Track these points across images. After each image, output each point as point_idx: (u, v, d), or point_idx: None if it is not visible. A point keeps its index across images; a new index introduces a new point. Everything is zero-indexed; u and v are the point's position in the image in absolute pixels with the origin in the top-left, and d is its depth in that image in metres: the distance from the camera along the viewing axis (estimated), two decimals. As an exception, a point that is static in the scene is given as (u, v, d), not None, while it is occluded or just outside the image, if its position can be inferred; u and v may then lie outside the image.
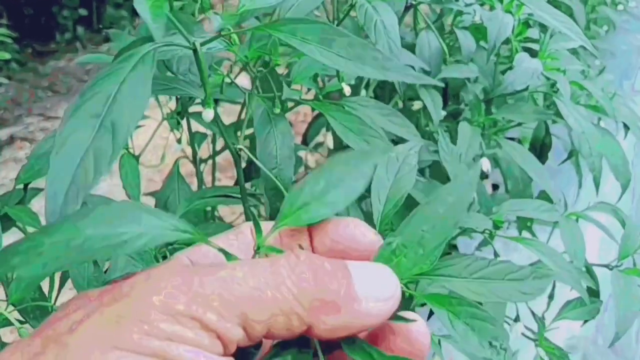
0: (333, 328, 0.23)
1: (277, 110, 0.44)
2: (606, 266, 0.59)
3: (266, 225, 0.27)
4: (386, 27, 0.43)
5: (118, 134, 0.24)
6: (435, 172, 0.74)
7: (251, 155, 0.42)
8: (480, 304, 0.30)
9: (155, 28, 0.28)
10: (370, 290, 0.23)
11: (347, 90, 0.54)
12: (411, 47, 0.75)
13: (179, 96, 0.65)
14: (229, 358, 0.22)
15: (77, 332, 0.20)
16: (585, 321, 0.57)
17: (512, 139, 0.96)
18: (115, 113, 0.25)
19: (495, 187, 1.44)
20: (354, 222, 0.27)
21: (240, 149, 0.42)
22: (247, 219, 0.52)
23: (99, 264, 0.46)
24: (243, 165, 0.56)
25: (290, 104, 0.55)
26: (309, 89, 0.79)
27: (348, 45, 0.32)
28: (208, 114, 0.39)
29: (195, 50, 0.37)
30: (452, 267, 0.33)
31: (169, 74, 0.50)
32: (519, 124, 0.87)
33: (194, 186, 0.75)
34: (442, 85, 0.70)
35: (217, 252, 0.26)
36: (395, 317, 0.25)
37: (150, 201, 0.69)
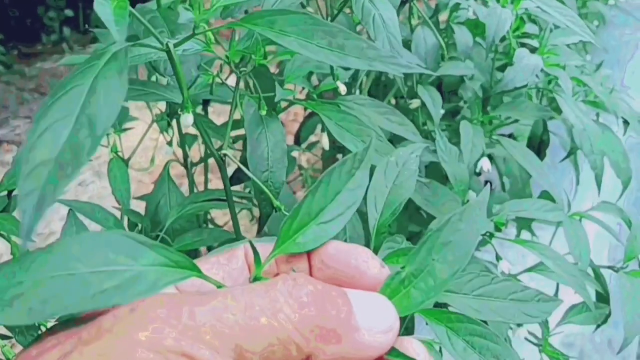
0: (333, 358, 0.21)
1: (263, 112, 0.42)
2: (611, 268, 0.57)
3: (262, 249, 0.26)
4: (385, 21, 0.41)
5: (96, 128, 0.23)
6: (433, 172, 0.72)
7: (236, 161, 0.40)
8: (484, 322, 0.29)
9: (117, 31, 0.27)
10: (370, 321, 0.22)
11: (342, 89, 0.52)
12: (405, 44, 0.73)
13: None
14: None
15: None
16: (598, 326, 0.55)
17: (506, 135, 0.95)
18: (92, 107, 0.24)
19: (486, 184, 1.43)
20: (358, 250, 0.26)
21: (225, 155, 0.40)
22: (235, 227, 0.50)
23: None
24: (235, 167, 0.54)
25: (283, 104, 0.53)
26: (303, 88, 0.77)
27: (329, 35, 0.30)
28: (187, 119, 0.37)
29: (168, 52, 0.35)
30: (452, 283, 0.31)
31: (154, 77, 0.47)
32: (515, 121, 0.86)
33: (185, 187, 0.73)
34: (434, 74, 0.67)
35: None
36: (392, 352, 0.23)
37: (140, 205, 0.67)
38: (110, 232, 0.23)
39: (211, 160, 0.80)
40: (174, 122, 0.70)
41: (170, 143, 0.65)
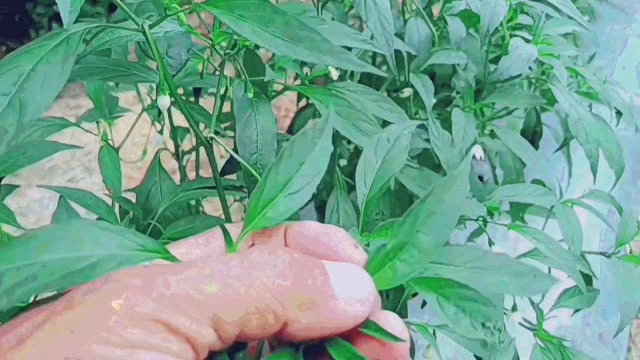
0: (309, 327, 0.21)
1: (250, 95, 0.41)
2: (603, 254, 0.58)
3: (238, 229, 0.25)
4: (377, 3, 0.41)
5: (26, 113, 0.23)
6: (425, 160, 0.72)
7: (223, 144, 0.40)
8: None
9: (69, 12, 0.26)
10: (347, 290, 0.22)
11: (334, 74, 0.51)
12: (399, 37, 0.73)
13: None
14: None
15: (25, 346, 0.17)
16: (576, 311, 0.55)
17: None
18: (27, 91, 0.23)
19: (480, 178, 1.43)
20: (332, 231, 0.25)
21: (212, 138, 0.40)
22: (225, 212, 0.50)
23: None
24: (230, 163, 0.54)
25: (277, 90, 0.52)
26: (295, 78, 0.76)
27: (285, 24, 0.30)
28: (163, 101, 0.36)
29: (144, 33, 0.34)
30: (445, 255, 0.31)
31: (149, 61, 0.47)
32: (509, 113, 0.86)
33: (177, 181, 0.73)
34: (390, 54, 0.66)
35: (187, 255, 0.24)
36: (367, 324, 0.23)
37: (131, 197, 0.66)
38: (75, 220, 0.22)
39: (203, 157, 0.80)
40: (165, 114, 0.69)
41: (161, 132, 0.64)
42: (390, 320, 0.23)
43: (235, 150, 0.42)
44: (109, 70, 0.39)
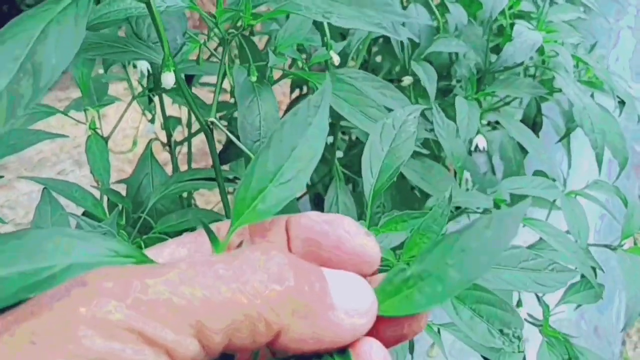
0: (303, 338, 0.19)
1: (254, 79, 0.39)
2: (607, 246, 0.56)
3: (225, 227, 0.23)
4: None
5: (41, 77, 0.21)
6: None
7: (225, 130, 0.38)
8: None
9: None
10: (346, 301, 0.20)
11: (335, 59, 0.49)
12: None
13: (150, 71, 0.60)
14: None
15: None
16: (578, 306, 0.53)
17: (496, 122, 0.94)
18: (40, 55, 0.22)
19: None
20: (338, 219, 0.23)
21: (212, 123, 0.38)
22: (225, 202, 0.48)
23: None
24: (220, 147, 0.51)
25: (276, 76, 0.50)
26: (290, 66, 0.74)
27: None
28: (167, 78, 0.34)
29: (147, 4, 0.32)
30: None
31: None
32: (506, 104, 0.85)
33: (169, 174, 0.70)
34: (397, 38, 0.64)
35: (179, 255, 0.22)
36: (345, 354, 0.20)
37: (122, 190, 0.64)
38: (38, 230, 0.20)
39: (193, 150, 0.77)
40: (157, 104, 0.67)
41: (152, 120, 0.62)
42: (373, 352, 0.20)
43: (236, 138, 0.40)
44: (105, 46, 0.37)
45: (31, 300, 0.17)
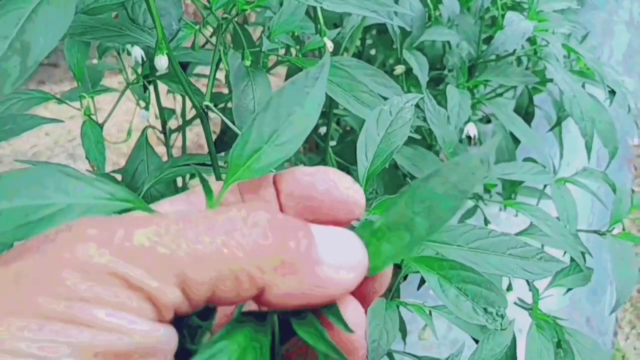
0: (288, 293, 0.19)
1: (248, 63, 0.40)
2: (597, 232, 0.57)
3: (217, 187, 0.23)
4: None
5: (29, 55, 0.22)
6: (417, 140, 0.71)
7: (218, 112, 0.38)
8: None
9: None
10: (333, 255, 0.20)
11: (329, 45, 0.50)
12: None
13: (144, 58, 0.60)
14: (165, 326, 0.18)
15: None
16: (568, 290, 0.54)
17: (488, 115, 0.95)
18: (29, 34, 0.22)
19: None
20: (324, 170, 0.23)
21: (207, 107, 0.38)
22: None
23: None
24: (216, 136, 0.52)
25: (270, 64, 0.51)
26: (285, 54, 0.74)
27: None
28: (160, 61, 0.35)
29: None
30: (447, 234, 0.29)
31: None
32: (499, 95, 0.85)
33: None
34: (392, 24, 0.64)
35: None
36: (330, 307, 0.20)
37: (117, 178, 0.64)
38: (41, 167, 0.20)
39: (189, 144, 0.77)
40: (151, 94, 0.67)
41: (147, 108, 0.62)
42: (349, 309, 0.21)
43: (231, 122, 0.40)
44: (101, 29, 0.37)
45: (18, 245, 0.17)
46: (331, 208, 0.23)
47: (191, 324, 0.20)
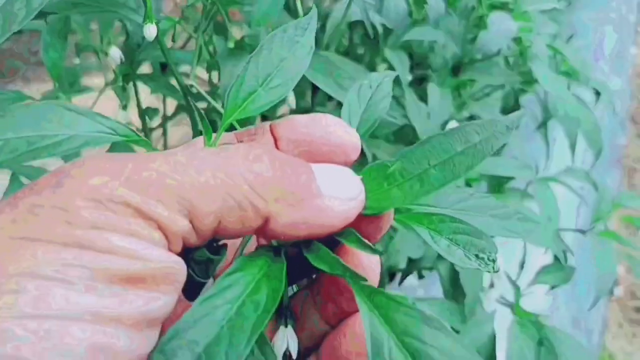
0: (292, 223, 0.20)
1: (232, 45, 0.39)
2: (580, 231, 0.57)
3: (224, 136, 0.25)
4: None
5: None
6: (402, 138, 0.70)
7: (202, 92, 0.38)
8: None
9: None
10: (332, 188, 0.21)
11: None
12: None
13: (122, 59, 0.59)
14: (174, 256, 0.18)
15: None
16: (552, 287, 0.54)
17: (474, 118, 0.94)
18: None
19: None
20: (319, 116, 0.24)
21: (191, 85, 0.38)
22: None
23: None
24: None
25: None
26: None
27: None
28: (149, 30, 0.35)
29: None
30: (432, 197, 0.30)
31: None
32: (486, 95, 0.85)
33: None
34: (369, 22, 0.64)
35: None
36: (350, 235, 0.21)
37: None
38: (45, 102, 0.21)
39: (174, 142, 0.77)
40: (131, 93, 0.66)
41: (125, 107, 0.61)
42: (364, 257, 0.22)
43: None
44: (83, 5, 0.37)
45: (32, 182, 0.18)
46: (329, 152, 0.24)
47: (199, 259, 0.21)
